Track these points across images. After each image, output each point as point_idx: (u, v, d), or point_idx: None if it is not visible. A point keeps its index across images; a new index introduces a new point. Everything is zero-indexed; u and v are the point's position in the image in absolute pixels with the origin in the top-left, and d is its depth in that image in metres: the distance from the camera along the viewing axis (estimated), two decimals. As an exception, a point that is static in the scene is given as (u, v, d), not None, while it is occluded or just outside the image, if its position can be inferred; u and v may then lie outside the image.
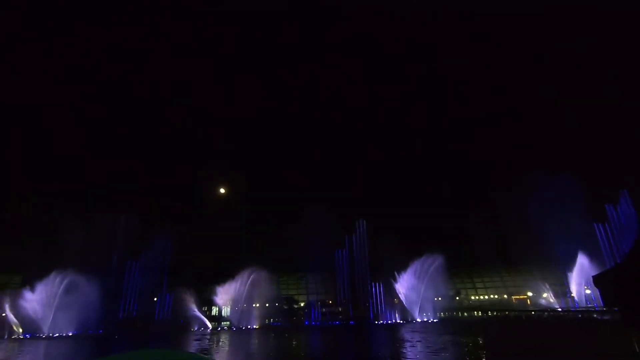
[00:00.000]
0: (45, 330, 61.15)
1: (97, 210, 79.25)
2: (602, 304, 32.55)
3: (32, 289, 63.64)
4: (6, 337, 59.08)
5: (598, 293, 34.63)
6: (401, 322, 69.60)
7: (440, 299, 72.74)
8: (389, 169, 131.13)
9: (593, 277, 36.15)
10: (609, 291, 31.14)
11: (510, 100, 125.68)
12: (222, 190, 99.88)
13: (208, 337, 50.66)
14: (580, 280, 68.02)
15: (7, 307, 62.61)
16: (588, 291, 66.46)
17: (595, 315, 30.13)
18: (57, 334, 60.68)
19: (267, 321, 73.93)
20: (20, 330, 61.95)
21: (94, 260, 72.03)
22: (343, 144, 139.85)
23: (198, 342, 41.95)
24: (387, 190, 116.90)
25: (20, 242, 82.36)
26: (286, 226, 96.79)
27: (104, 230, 76.66)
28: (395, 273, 74.80)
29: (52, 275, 64.01)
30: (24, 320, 62.04)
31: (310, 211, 78.64)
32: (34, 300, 62.56)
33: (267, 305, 78.52)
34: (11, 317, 62.18)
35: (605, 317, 28.34)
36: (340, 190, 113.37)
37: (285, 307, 79.26)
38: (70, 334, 60.90)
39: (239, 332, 59.38)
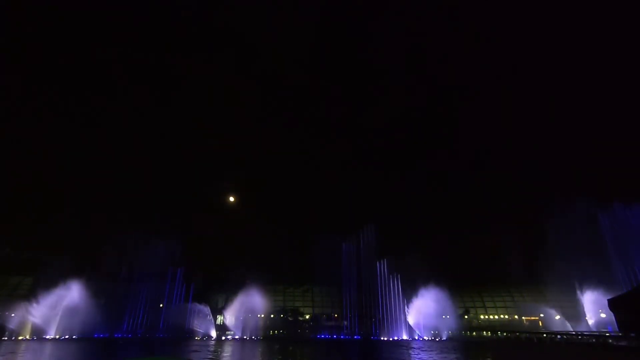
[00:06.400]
0: (53, 332, 61.64)
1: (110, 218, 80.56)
2: (617, 329, 31.22)
3: (43, 292, 64.29)
4: (13, 338, 59.53)
5: (613, 317, 33.24)
6: (409, 339, 68.07)
7: (448, 317, 71.04)
8: (402, 186, 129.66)
9: (609, 300, 34.80)
10: (625, 316, 29.95)
11: (538, 122, 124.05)
12: (232, 199, 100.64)
13: (211, 347, 50.26)
14: (595, 303, 65.67)
15: (16, 309, 63.33)
16: (603, 315, 64.07)
17: (610, 341, 28.80)
18: (63, 337, 61.08)
19: (271, 332, 73.23)
20: (27, 328, 62.31)
21: (105, 268, 73.15)
22: (357, 158, 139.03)
23: (196, 352, 41.57)
24: (401, 206, 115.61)
25: (33, 244, 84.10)
26: (296, 240, 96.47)
27: (115, 238, 77.46)
28: (404, 289, 73.53)
29: (63, 279, 64.86)
30: (32, 322, 62.53)
31: (321, 225, 78.39)
32: (44, 302, 63.19)
33: (272, 316, 77.86)
34: (20, 318, 62.69)
35: (622, 343, 27.11)
36: (353, 207, 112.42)
37: (290, 318, 78.44)
38: (75, 337, 61.25)
39: (242, 342, 58.78)
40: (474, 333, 70.54)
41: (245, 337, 67.95)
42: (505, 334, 43.34)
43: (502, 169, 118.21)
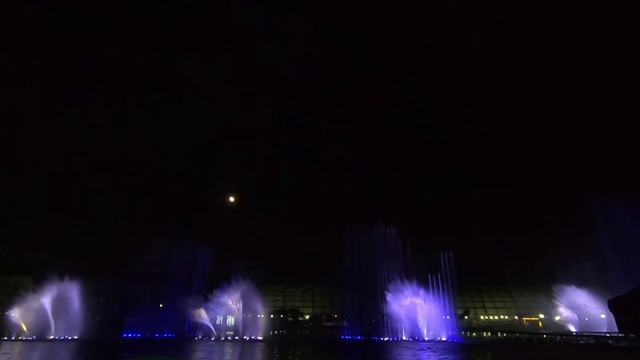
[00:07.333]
0: (53, 332, 61.65)
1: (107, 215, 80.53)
2: (617, 330, 31.20)
3: (43, 291, 64.18)
4: (13, 338, 59.49)
5: (613, 318, 33.22)
6: (409, 339, 68.04)
7: (448, 317, 71.00)
8: (403, 186, 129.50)
9: (608, 301, 34.76)
10: (625, 317, 29.93)
11: (540, 122, 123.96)
12: (232, 199, 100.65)
13: (210, 347, 50.27)
14: (594, 304, 65.65)
15: (14, 308, 63.26)
16: (603, 316, 64.05)
17: (610, 341, 28.78)
18: (63, 337, 61.11)
19: (271, 332, 73.21)
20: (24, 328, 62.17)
21: (105, 268, 73.21)
22: (358, 158, 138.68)
23: (196, 352, 41.56)
24: (401, 206, 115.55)
25: (33, 243, 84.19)
26: (296, 240, 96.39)
27: (115, 238, 77.57)
28: (404, 289, 73.45)
29: (63, 279, 64.76)
30: (32, 322, 62.44)
31: (321, 225, 78.36)
32: (43, 302, 63.09)
33: (272, 316, 77.87)
34: (20, 318, 62.63)
35: (622, 344, 27.08)
36: (353, 207, 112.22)
37: (290, 319, 78.45)
38: (75, 337, 61.31)
39: (242, 343, 58.79)
40: (474, 334, 70.56)
41: (245, 337, 67.94)
42: (505, 334, 43.38)
43: (503, 169, 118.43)
